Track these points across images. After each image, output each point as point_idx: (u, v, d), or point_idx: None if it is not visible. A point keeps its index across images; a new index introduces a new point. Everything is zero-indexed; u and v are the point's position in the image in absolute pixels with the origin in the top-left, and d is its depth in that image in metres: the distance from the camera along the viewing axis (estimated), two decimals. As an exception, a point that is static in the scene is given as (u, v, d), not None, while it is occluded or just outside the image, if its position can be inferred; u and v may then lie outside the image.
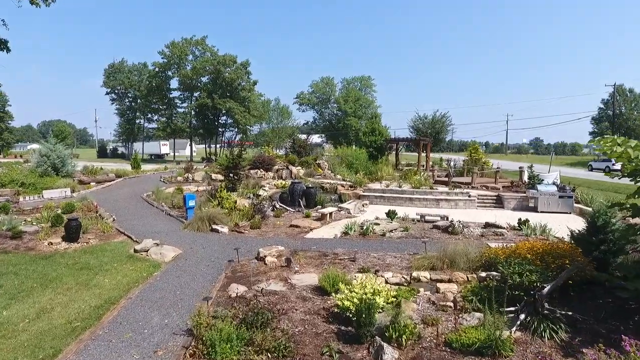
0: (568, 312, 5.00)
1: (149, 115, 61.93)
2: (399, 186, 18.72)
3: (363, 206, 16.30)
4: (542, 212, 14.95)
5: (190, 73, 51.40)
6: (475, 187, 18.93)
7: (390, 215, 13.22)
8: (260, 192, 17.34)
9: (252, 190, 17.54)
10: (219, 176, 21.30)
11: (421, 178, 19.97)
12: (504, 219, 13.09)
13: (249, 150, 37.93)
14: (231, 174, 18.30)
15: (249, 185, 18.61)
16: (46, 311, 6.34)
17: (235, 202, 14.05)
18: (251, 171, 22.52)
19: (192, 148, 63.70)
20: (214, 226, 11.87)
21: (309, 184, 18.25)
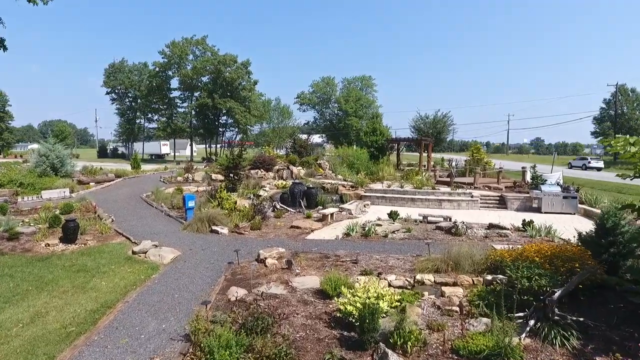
0: (579, 318, 4.82)
1: (149, 115, 61.75)
2: (401, 186, 18.54)
3: (364, 207, 16.12)
4: (546, 213, 14.77)
5: (190, 73, 51.20)
6: (477, 188, 18.74)
7: (392, 216, 13.04)
8: (260, 193, 17.16)
9: (253, 190, 17.37)
10: (219, 176, 21.14)
11: (423, 178, 19.79)
12: (508, 220, 12.91)
13: (250, 150, 37.74)
14: (231, 174, 18.13)
15: (249, 185, 18.45)
16: (41, 315, 6.18)
17: (235, 203, 13.88)
18: (251, 171, 22.36)
19: (193, 148, 63.54)
20: (214, 227, 11.70)
21: (310, 184, 18.08)
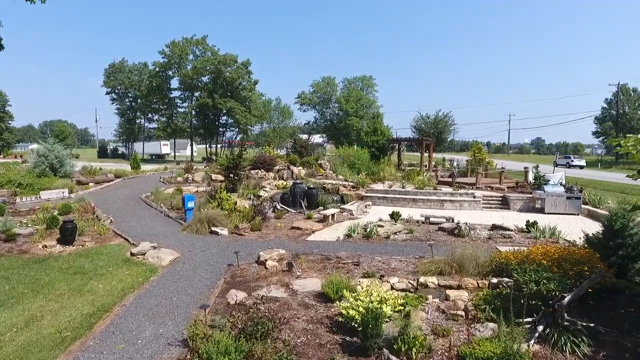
0: (590, 324, 4.67)
1: (150, 115, 61.61)
2: (402, 187, 18.38)
3: (366, 207, 15.97)
4: (549, 214, 14.61)
5: (190, 73, 51.06)
6: (479, 188, 18.57)
7: (394, 216, 12.89)
8: (260, 193, 17.01)
9: (253, 191, 17.23)
10: (219, 176, 21.00)
11: (424, 178, 19.63)
12: (511, 221, 12.76)
13: (250, 150, 37.59)
14: (231, 175, 17.98)
15: (250, 185, 18.30)
16: (36, 319, 6.03)
17: (235, 204, 13.73)
18: (252, 171, 22.21)
19: (193, 148, 63.43)
20: (214, 228, 11.55)
21: (311, 185, 17.92)
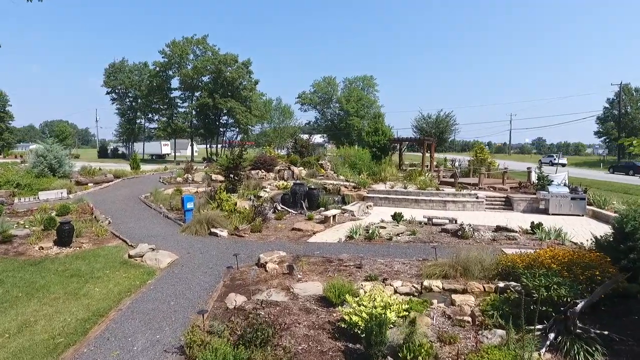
0: (603, 332, 4.48)
1: (150, 115, 61.46)
2: (404, 187, 18.18)
3: (367, 208, 15.78)
4: (554, 215, 14.41)
5: (191, 72, 50.88)
6: (482, 188, 18.37)
7: (396, 217, 12.70)
8: (261, 194, 16.84)
9: (253, 191, 17.05)
10: (219, 177, 20.82)
11: (426, 179, 19.43)
12: (515, 222, 12.56)
13: (251, 150, 37.39)
14: (231, 175, 17.80)
15: (250, 186, 18.12)
16: (29, 325, 5.86)
17: (235, 204, 13.55)
18: (252, 172, 22.03)
19: (194, 148, 63.28)
20: (213, 229, 11.38)
21: (312, 185, 17.75)
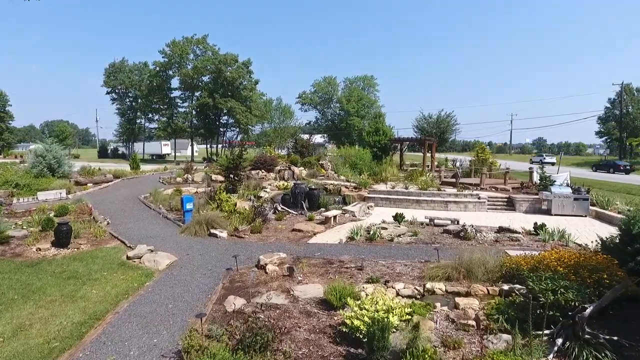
0: (613, 337, 4.36)
1: (150, 115, 61.41)
2: (406, 187, 18.05)
3: (368, 208, 15.65)
4: (556, 215, 14.27)
5: (191, 72, 50.82)
6: (484, 189, 18.23)
7: (397, 218, 12.57)
8: (261, 194, 16.72)
9: (253, 191, 16.93)
10: (219, 177, 20.72)
11: (428, 179, 19.31)
12: (518, 223, 12.42)
13: (251, 150, 37.28)
14: (231, 175, 17.69)
15: (250, 186, 18.00)
16: (24, 328, 5.74)
17: (235, 205, 13.43)
18: (252, 172, 21.92)
19: (194, 148, 63.19)
20: (213, 230, 11.26)
21: (312, 185, 17.62)
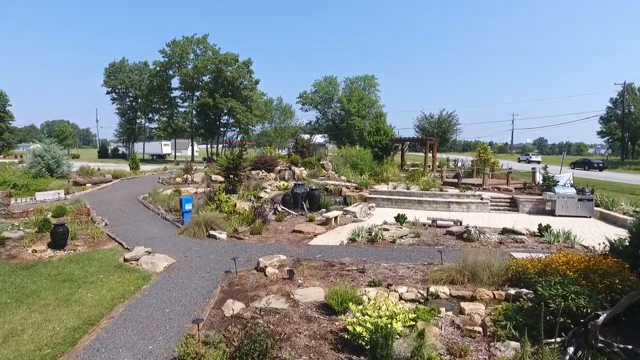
0: (627, 346, 4.17)
1: (150, 115, 61.25)
2: (407, 188, 17.86)
3: (369, 209, 15.46)
4: (560, 216, 14.07)
5: (191, 72, 50.62)
6: (486, 189, 18.02)
7: (399, 219, 12.39)
8: (261, 194, 16.55)
9: (253, 192, 16.76)
10: (219, 177, 20.56)
11: (429, 179, 19.11)
12: (521, 224, 12.24)
13: (251, 150, 37.09)
14: (231, 175, 17.52)
15: (250, 186, 17.83)
16: (15, 334, 5.57)
17: (234, 206, 13.25)
18: (252, 172, 21.75)
19: (194, 148, 63.02)
20: (212, 232, 11.08)
21: (313, 186, 17.45)
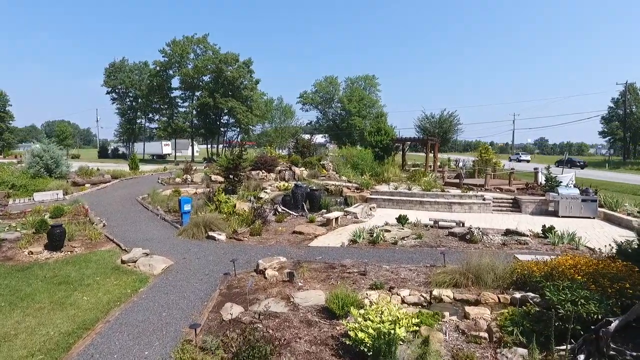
0: (640, 353, 4.02)
1: (150, 115, 61.12)
2: (409, 188, 17.71)
3: (370, 210, 15.31)
4: (563, 217, 13.91)
5: (191, 72, 50.51)
6: (488, 190, 17.87)
7: (401, 220, 12.24)
8: (261, 195, 16.39)
9: (253, 192, 16.61)
10: (219, 177, 20.41)
11: (431, 180, 18.96)
12: (525, 225, 12.08)
13: (251, 150, 36.93)
14: (231, 175, 17.37)
15: (250, 187, 17.68)
16: (8, 338, 5.42)
17: (234, 206, 13.11)
18: (252, 172, 21.58)
19: (194, 148, 62.89)
20: (211, 233, 10.93)
21: (313, 186, 17.30)
